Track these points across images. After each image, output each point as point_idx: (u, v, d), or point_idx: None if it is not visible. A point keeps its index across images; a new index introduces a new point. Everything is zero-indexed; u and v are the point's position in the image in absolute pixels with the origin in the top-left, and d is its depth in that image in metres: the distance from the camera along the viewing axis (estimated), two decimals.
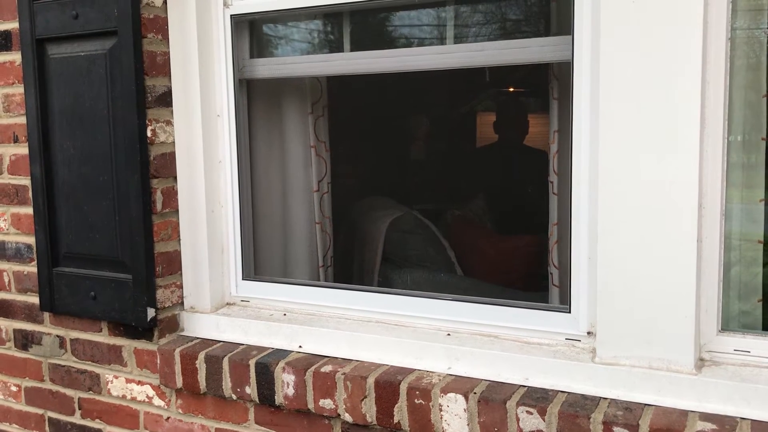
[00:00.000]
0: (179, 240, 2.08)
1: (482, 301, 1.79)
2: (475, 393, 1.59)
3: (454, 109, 4.94)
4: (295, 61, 2.10)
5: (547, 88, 2.08)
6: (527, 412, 1.52)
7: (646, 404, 1.50)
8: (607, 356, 1.56)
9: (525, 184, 3.57)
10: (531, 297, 1.93)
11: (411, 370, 1.73)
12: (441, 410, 1.61)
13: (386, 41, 2.29)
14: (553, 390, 1.58)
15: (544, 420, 1.49)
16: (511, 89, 5.05)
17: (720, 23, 1.45)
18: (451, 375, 1.69)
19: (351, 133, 3.26)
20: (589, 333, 1.64)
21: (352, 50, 2.01)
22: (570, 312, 1.67)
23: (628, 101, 1.48)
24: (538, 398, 1.55)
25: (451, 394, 1.60)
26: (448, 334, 1.79)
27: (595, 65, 1.55)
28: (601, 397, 1.53)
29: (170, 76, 2.03)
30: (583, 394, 1.55)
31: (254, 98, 2.21)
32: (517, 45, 1.79)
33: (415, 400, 1.64)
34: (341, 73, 1.99)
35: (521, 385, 1.62)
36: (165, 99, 2.02)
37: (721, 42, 1.45)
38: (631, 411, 1.47)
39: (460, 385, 1.63)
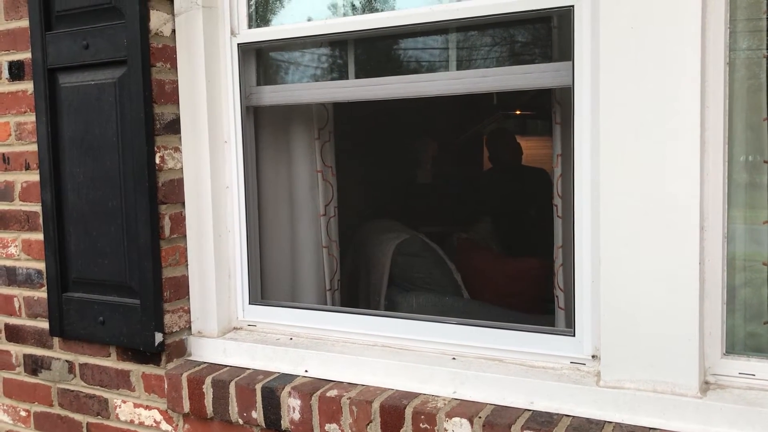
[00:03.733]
0: (187, 265, 2.10)
1: (487, 325, 1.80)
2: (480, 417, 1.59)
3: (460, 132, 4.98)
4: (302, 88, 2.14)
5: (550, 112, 2.10)
6: None
7: (650, 428, 1.49)
8: (612, 380, 1.56)
9: (528, 205, 3.58)
10: (537, 320, 1.94)
11: (416, 395, 1.73)
12: None
13: (391, 67, 2.32)
14: (557, 414, 1.58)
15: None
16: (518, 113, 5.08)
17: (718, 47, 1.47)
18: (456, 399, 1.69)
19: (357, 157, 3.29)
20: (593, 356, 1.64)
21: (357, 76, 2.04)
22: (574, 335, 1.67)
23: (628, 125, 1.49)
24: (542, 422, 1.54)
25: (456, 419, 1.60)
26: (453, 358, 1.79)
27: (595, 90, 1.57)
28: (605, 421, 1.53)
29: (178, 103, 2.07)
30: (587, 418, 1.55)
31: (261, 124, 2.24)
32: (519, 71, 1.81)
33: (421, 425, 1.64)
34: (347, 100, 2.02)
35: (526, 409, 1.61)
36: (173, 126, 2.06)
37: (719, 65, 1.47)
38: None
39: (465, 409, 1.64)
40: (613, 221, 1.53)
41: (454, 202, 3.87)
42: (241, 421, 1.89)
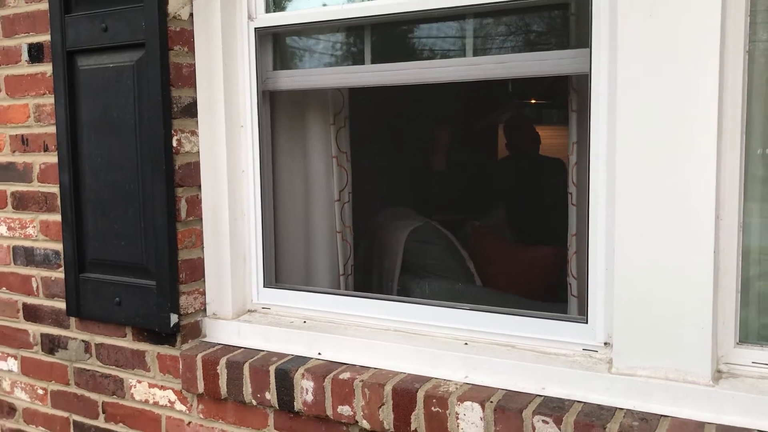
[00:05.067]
0: (203, 247, 2.12)
1: (499, 311, 1.81)
2: (491, 402, 1.60)
3: (475, 120, 4.96)
4: (318, 73, 2.14)
5: (566, 100, 2.10)
6: (543, 421, 1.52)
7: (662, 415, 1.50)
8: (624, 367, 1.56)
9: (543, 194, 3.58)
10: (550, 308, 1.93)
11: (428, 379, 1.75)
12: (458, 418, 1.62)
13: (407, 53, 2.32)
14: (569, 400, 1.59)
15: (560, 429, 1.50)
16: (533, 101, 5.06)
17: (738, 35, 1.46)
18: (468, 384, 1.71)
19: (372, 143, 3.30)
20: (606, 344, 1.65)
21: (373, 62, 2.04)
22: (587, 322, 1.68)
23: (645, 113, 1.49)
24: (554, 408, 1.55)
25: (467, 403, 1.61)
26: (466, 343, 1.80)
27: (612, 77, 1.57)
28: (617, 408, 1.54)
29: (195, 87, 2.08)
30: (599, 404, 1.56)
31: (277, 109, 2.25)
32: (536, 57, 1.81)
33: (432, 408, 1.65)
34: (363, 85, 2.02)
35: (538, 395, 1.62)
36: (190, 110, 2.07)
37: (738, 54, 1.46)
38: (647, 421, 1.48)
39: (477, 393, 1.65)
40: (628, 209, 1.52)
41: (468, 190, 3.87)
42: (254, 402, 1.92)
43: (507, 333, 1.77)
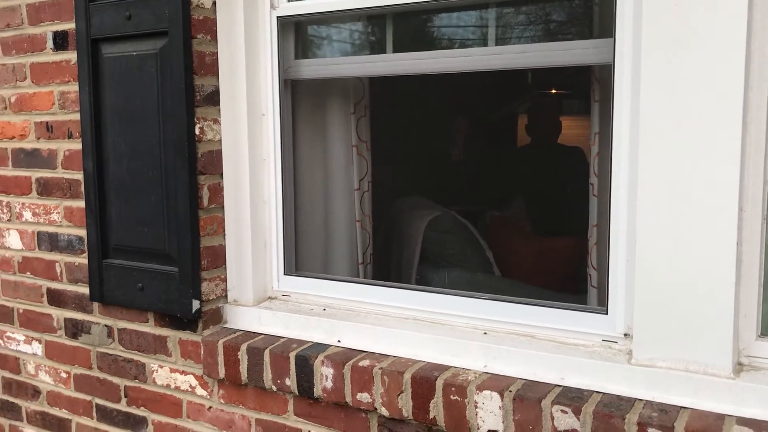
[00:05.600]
0: (224, 235, 2.14)
1: (519, 301, 1.81)
2: (510, 391, 1.61)
3: (495, 110, 4.95)
4: (339, 62, 2.15)
5: (588, 90, 2.09)
6: (562, 411, 1.53)
7: (681, 407, 1.50)
8: (644, 358, 1.56)
9: (562, 184, 3.56)
10: (569, 298, 1.94)
11: (447, 367, 1.76)
12: (476, 407, 1.63)
13: (429, 42, 2.32)
14: (588, 390, 1.59)
15: (578, 419, 1.51)
16: (553, 91, 5.03)
17: (765, 25, 1.44)
18: (487, 373, 1.71)
19: (392, 133, 3.29)
20: (625, 335, 1.65)
21: (395, 51, 2.04)
22: (607, 313, 1.68)
23: (669, 103, 1.48)
24: (573, 398, 1.56)
25: (486, 392, 1.62)
26: (485, 333, 1.81)
27: (636, 68, 1.56)
28: (636, 399, 1.54)
29: (218, 75, 2.09)
30: (618, 395, 1.56)
31: (298, 98, 2.26)
32: (558, 47, 1.80)
33: (451, 397, 1.66)
34: (384, 74, 2.03)
35: (557, 385, 1.63)
36: (213, 98, 2.08)
37: (766, 44, 1.45)
38: (666, 413, 1.48)
39: (496, 383, 1.65)
40: (651, 200, 1.52)
41: (487, 180, 3.86)
42: (274, 388, 1.94)
43: (526, 323, 1.78)
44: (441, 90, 3.81)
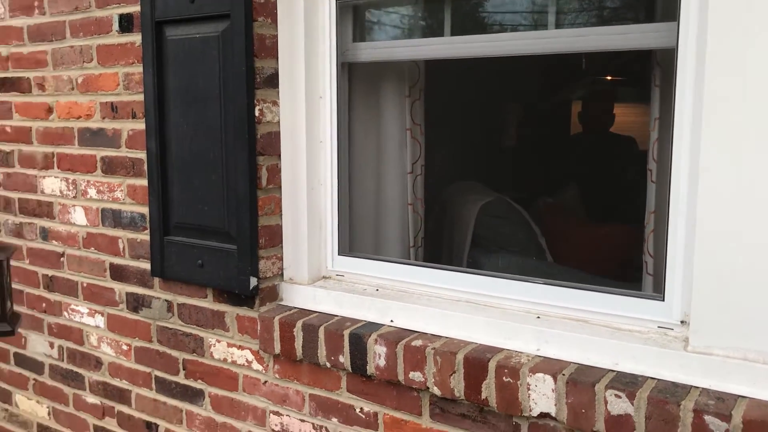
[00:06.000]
0: (281, 215, 2.19)
1: (573, 286, 1.81)
2: (563, 374, 1.61)
3: (549, 97, 4.90)
4: (396, 45, 2.16)
5: (645, 76, 2.06)
6: (616, 395, 1.53)
7: (739, 395, 1.48)
8: (701, 346, 1.55)
9: (616, 172, 3.52)
10: (622, 286, 1.93)
11: (499, 350, 1.77)
12: (529, 389, 1.64)
13: (486, 26, 2.31)
14: (642, 376, 1.59)
15: (632, 404, 1.51)
16: (608, 78, 4.95)
17: None
18: (539, 356, 1.72)
19: (446, 117, 3.30)
20: (682, 322, 1.64)
21: (452, 35, 2.05)
22: (663, 300, 1.67)
23: (734, 89, 1.45)
24: (627, 383, 1.56)
25: (539, 374, 1.63)
26: (538, 317, 1.81)
27: (701, 52, 1.53)
28: (692, 386, 1.53)
29: (277, 58, 2.13)
30: (673, 382, 1.55)
31: (354, 81, 2.28)
32: (619, 31, 1.78)
33: (504, 378, 1.68)
34: (442, 57, 2.04)
35: (610, 370, 1.63)
36: (272, 80, 2.12)
37: None
38: (723, 401, 1.46)
39: (549, 366, 1.66)
40: (713, 186, 1.50)
41: (539, 166, 3.84)
42: (328, 365, 1.98)
43: (580, 308, 1.78)
44: (496, 75, 3.79)
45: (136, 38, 2.32)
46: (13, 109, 2.76)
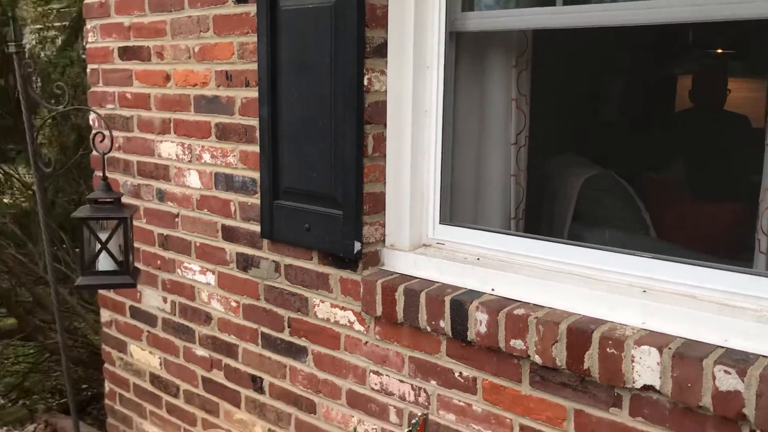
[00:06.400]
0: (385, 182, 2.24)
1: (682, 261, 1.78)
2: (669, 348, 1.60)
3: (655, 71, 4.72)
4: (505, 15, 2.16)
5: (760, 48, 1.97)
6: (725, 371, 1.51)
7: None
8: None
9: (727, 149, 3.38)
10: (729, 263, 1.88)
11: (603, 321, 1.77)
12: (633, 361, 1.64)
13: None
14: (754, 354, 1.55)
15: (743, 381, 1.48)
16: (720, 51, 4.72)
17: None
18: (644, 330, 1.71)
19: (552, 88, 3.25)
20: None
21: (565, 4, 2.02)
22: None
23: None
24: (737, 360, 1.53)
25: (644, 347, 1.63)
26: (644, 291, 1.80)
27: None
28: None
29: (387, 28, 2.17)
30: None
31: (461, 50, 2.29)
32: None
33: (607, 349, 1.68)
34: (551, 27, 2.02)
35: (719, 346, 1.60)
36: (381, 50, 2.17)
37: None
38: None
39: (654, 339, 1.65)
40: None
41: (645, 142, 3.73)
42: (429, 329, 2.04)
43: (688, 283, 1.75)
44: (604, 48, 3.70)
45: (251, 9, 2.41)
46: (134, 76, 2.93)
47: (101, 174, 2.42)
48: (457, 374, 2.03)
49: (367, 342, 2.25)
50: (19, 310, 4.42)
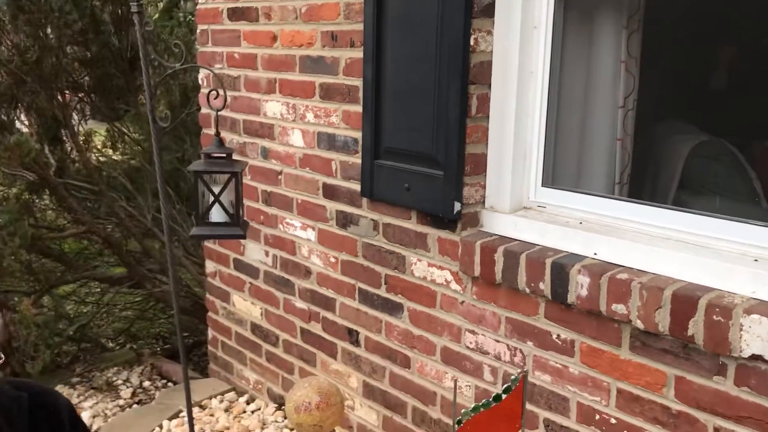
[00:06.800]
0: (487, 144, 2.25)
1: None
2: None
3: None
4: None
5: None
6: None
7: None
8: None
9: None
10: None
11: (710, 289, 1.73)
12: (741, 330, 1.61)
13: None
14: None
15: None
16: None
17: None
18: (755, 299, 1.67)
19: (664, 51, 3.13)
20: None
21: None
22: None
23: None
24: None
25: (755, 316, 1.59)
26: (756, 260, 1.75)
27: None
28: None
29: None
30: None
31: (570, 11, 2.25)
32: None
33: (714, 317, 1.65)
34: None
35: None
36: (488, 10, 2.15)
37: None
38: None
39: (765, 309, 1.61)
40: None
41: (757, 108, 3.54)
42: (527, 291, 2.05)
43: None
44: (720, 10, 3.51)
45: None
46: (242, 37, 3.02)
47: (211, 131, 2.53)
48: (554, 336, 2.04)
49: (463, 301, 2.29)
50: (128, 259, 4.70)
